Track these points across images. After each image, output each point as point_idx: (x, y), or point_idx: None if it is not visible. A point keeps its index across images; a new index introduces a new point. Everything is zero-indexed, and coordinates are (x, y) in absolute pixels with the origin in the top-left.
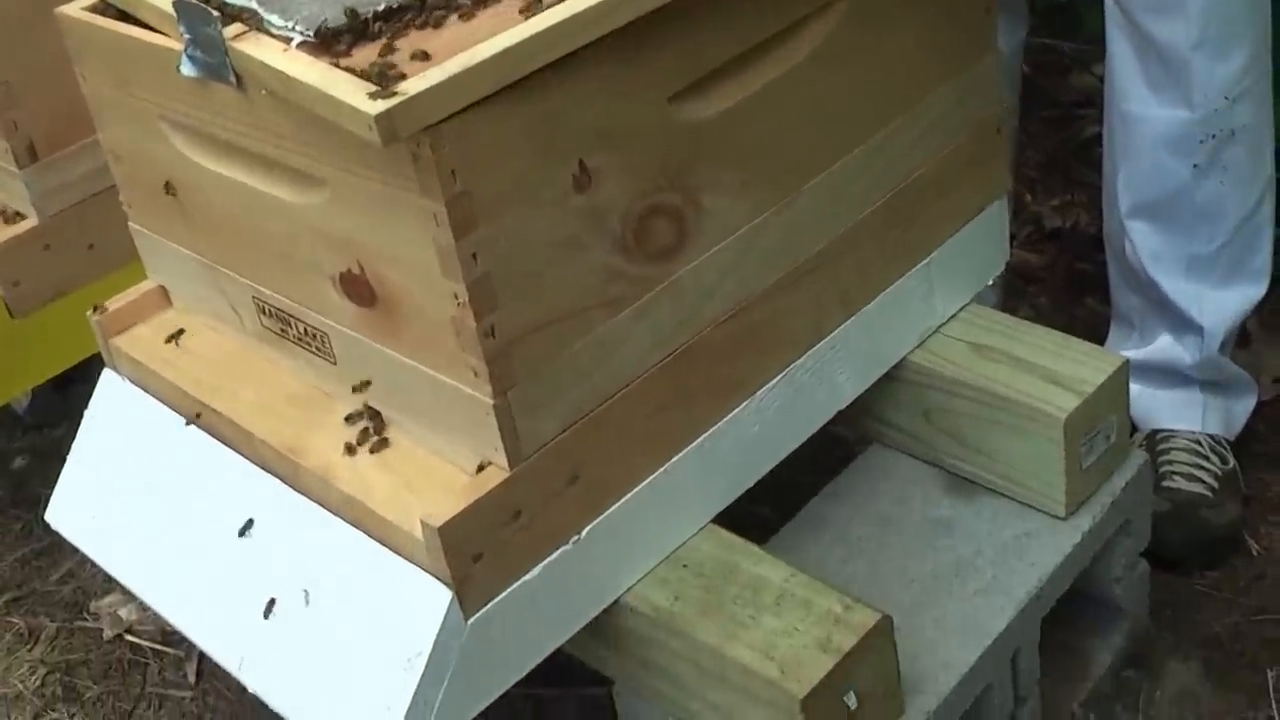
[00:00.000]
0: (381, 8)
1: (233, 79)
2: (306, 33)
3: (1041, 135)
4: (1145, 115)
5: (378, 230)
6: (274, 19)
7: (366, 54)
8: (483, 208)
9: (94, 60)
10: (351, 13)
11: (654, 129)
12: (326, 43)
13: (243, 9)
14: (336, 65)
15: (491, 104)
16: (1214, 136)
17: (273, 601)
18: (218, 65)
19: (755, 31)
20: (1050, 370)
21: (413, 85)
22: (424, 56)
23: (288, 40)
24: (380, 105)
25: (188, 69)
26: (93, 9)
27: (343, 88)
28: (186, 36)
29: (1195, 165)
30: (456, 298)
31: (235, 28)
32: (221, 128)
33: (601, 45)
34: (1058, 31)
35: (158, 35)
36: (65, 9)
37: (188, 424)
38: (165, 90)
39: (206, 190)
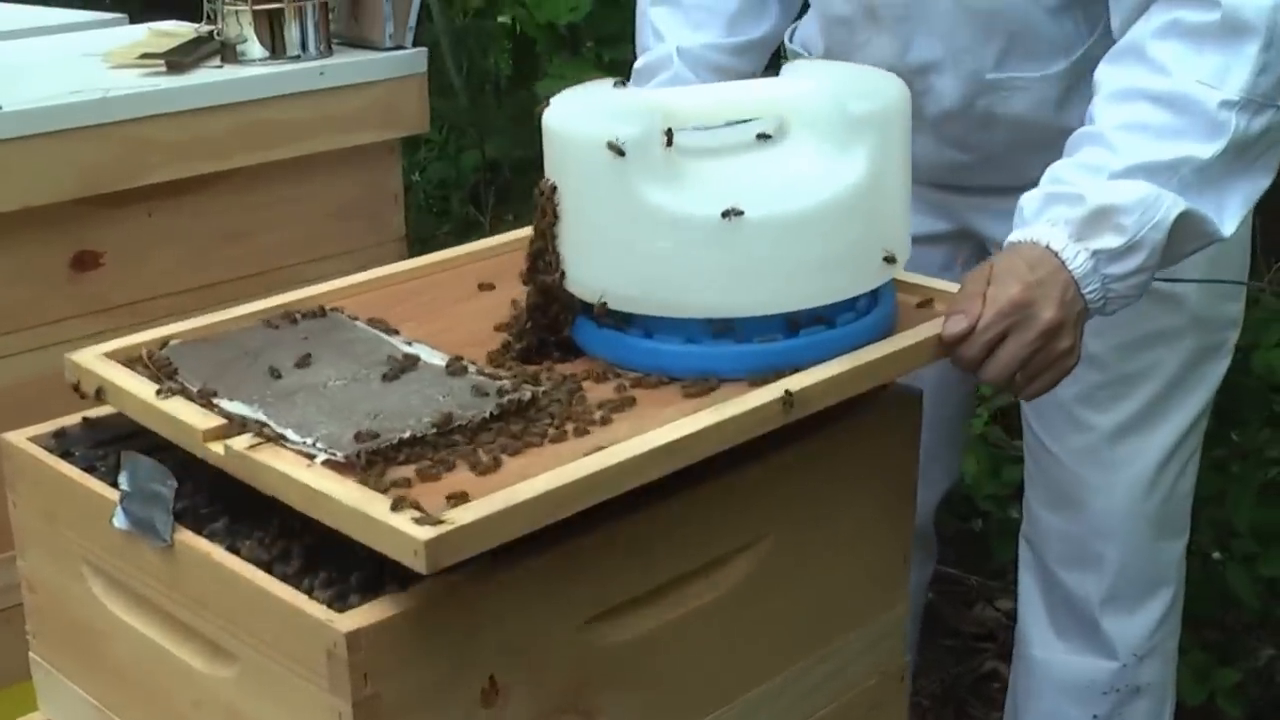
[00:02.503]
0: (407, 435)
1: (165, 539)
2: (333, 452)
3: (938, 665)
4: (1049, 661)
5: (280, 716)
6: (289, 434)
7: (396, 479)
8: (388, 713)
9: (27, 489)
10: (371, 434)
11: (567, 650)
12: (353, 464)
13: (246, 419)
14: (373, 488)
15: (416, 613)
16: (1118, 690)
17: None
18: (151, 522)
19: (676, 566)
20: None
21: (459, 516)
22: (462, 496)
23: (309, 456)
24: (429, 532)
25: (120, 522)
26: (36, 440)
27: (383, 509)
28: (125, 489)
29: (1095, 716)
30: None
31: (246, 439)
32: (143, 583)
33: (527, 566)
34: (966, 562)
35: (94, 480)
36: (9, 435)
37: None
38: (93, 535)
39: (116, 640)
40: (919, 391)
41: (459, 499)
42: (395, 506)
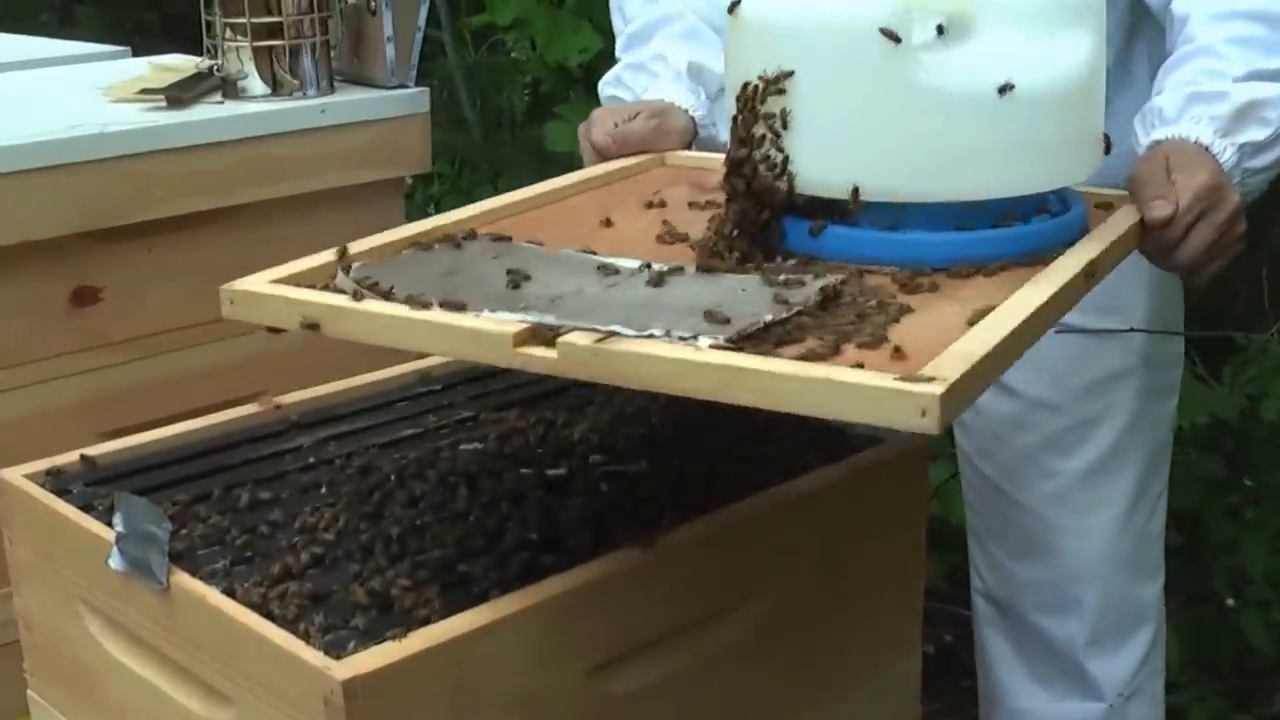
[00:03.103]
0: (769, 317)
1: (161, 581)
2: (715, 335)
3: (958, 707)
4: (1035, 710)
5: None
6: (621, 329)
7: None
8: None
9: (24, 528)
10: (724, 320)
11: (570, 699)
12: (739, 349)
13: (539, 325)
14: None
15: (414, 661)
16: None
17: None
18: (147, 563)
19: (681, 616)
20: None
21: (941, 370)
22: (898, 353)
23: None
24: (935, 387)
25: (116, 563)
26: (32, 477)
27: (854, 375)
28: (120, 530)
29: None
30: None
31: (584, 335)
32: (140, 625)
33: (528, 613)
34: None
35: (91, 519)
36: (5, 472)
37: None
38: (89, 575)
39: (114, 680)
40: (925, 440)
41: (898, 355)
42: (859, 372)
